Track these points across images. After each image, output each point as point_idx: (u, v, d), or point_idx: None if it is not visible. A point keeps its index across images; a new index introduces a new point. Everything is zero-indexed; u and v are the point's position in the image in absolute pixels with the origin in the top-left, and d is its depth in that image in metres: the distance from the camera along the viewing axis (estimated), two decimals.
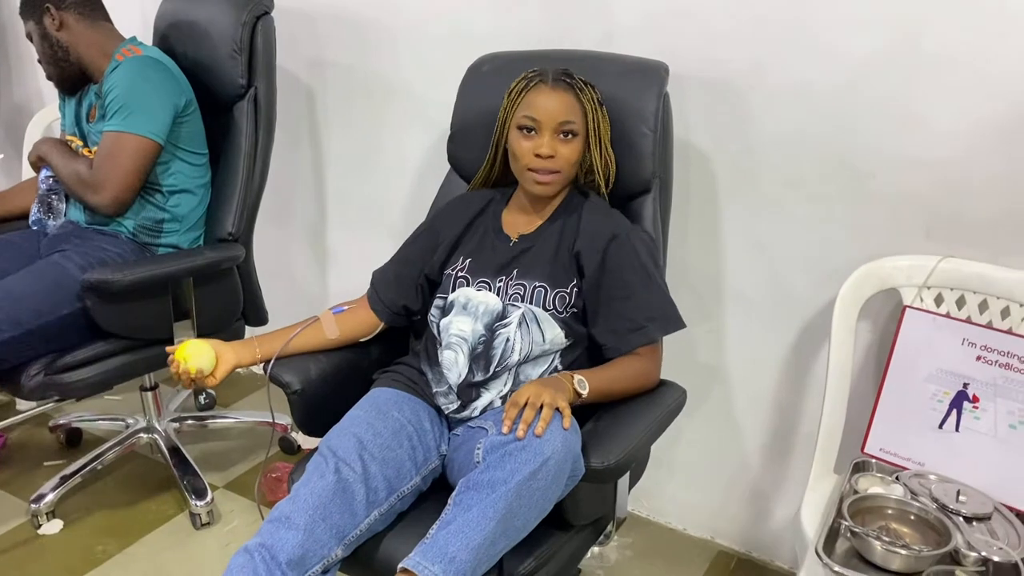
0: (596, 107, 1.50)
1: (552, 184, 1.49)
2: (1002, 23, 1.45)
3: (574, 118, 1.46)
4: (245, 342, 1.57)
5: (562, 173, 1.49)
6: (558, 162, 1.47)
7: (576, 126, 1.47)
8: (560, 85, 1.47)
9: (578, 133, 1.47)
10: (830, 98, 1.63)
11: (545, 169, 1.47)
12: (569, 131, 1.46)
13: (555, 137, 1.46)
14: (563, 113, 1.45)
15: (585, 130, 1.49)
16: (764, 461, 1.96)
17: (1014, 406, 1.47)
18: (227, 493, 2.23)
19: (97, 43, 2.00)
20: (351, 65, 2.26)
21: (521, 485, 1.19)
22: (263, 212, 2.15)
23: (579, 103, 1.48)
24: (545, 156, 1.46)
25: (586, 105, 1.48)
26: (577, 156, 1.49)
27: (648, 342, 1.45)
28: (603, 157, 1.54)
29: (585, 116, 1.48)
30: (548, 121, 1.46)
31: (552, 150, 1.46)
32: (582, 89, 1.48)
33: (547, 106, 1.45)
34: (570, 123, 1.46)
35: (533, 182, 1.49)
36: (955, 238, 1.59)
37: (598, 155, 1.53)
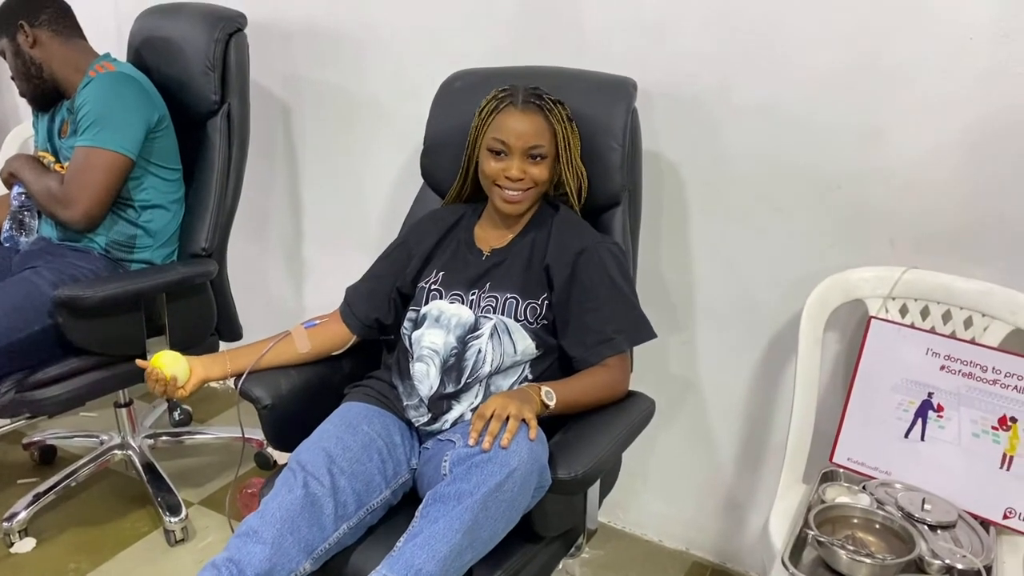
0: (566, 125, 1.52)
1: (521, 203, 1.52)
2: (959, 39, 1.48)
3: (543, 141, 1.49)
4: (216, 356, 1.57)
5: (532, 191, 1.51)
6: (527, 183, 1.49)
7: (545, 148, 1.49)
8: (530, 107, 1.49)
9: (547, 155, 1.49)
10: (795, 113, 1.66)
11: (515, 189, 1.50)
12: (538, 154, 1.49)
13: (525, 159, 1.49)
14: (533, 137, 1.48)
15: (555, 149, 1.51)
16: (737, 471, 1.97)
17: (977, 415, 1.49)
18: (202, 509, 2.22)
19: (71, 60, 2.01)
20: (325, 81, 2.27)
21: (487, 496, 1.20)
22: (237, 227, 2.15)
23: (548, 124, 1.49)
24: (515, 179, 1.48)
25: (555, 125, 1.50)
26: (547, 176, 1.51)
27: (616, 353, 1.46)
28: (575, 173, 1.55)
29: (555, 136, 1.50)
30: (518, 144, 1.48)
31: (521, 172, 1.49)
32: (551, 109, 1.50)
33: (517, 129, 1.48)
34: (539, 147, 1.48)
35: (503, 200, 1.52)
36: (919, 249, 1.62)
37: (569, 172, 1.54)
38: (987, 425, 1.48)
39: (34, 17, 1.97)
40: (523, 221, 1.58)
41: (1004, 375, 1.47)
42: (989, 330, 1.52)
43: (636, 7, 1.76)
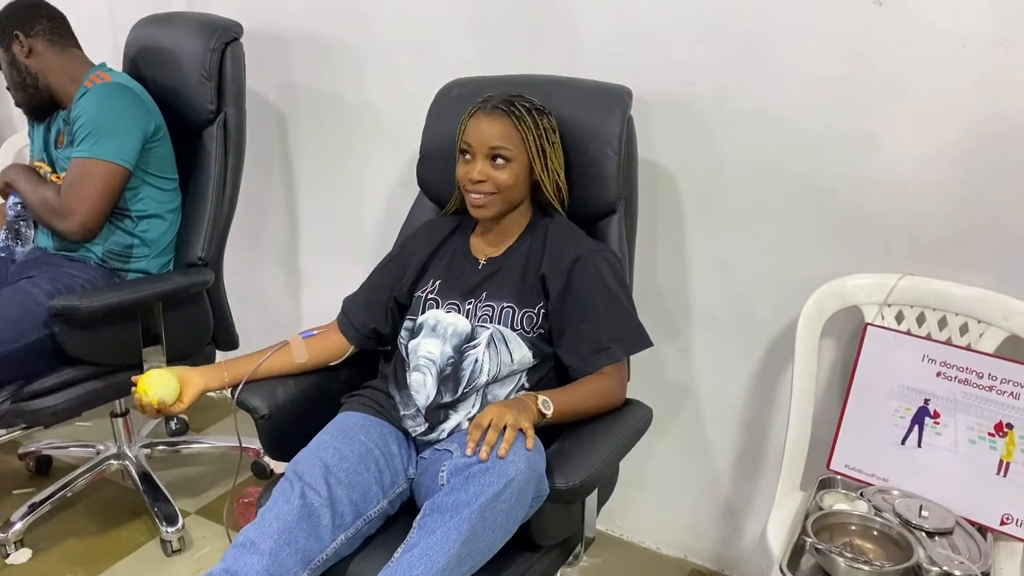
0: (540, 132, 1.51)
1: (488, 207, 1.51)
2: (953, 47, 1.49)
3: (507, 144, 1.48)
4: (213, 367, 1.57)
5: (498, 195, 1.50)
6: (489, 186, 1.49)
7: (510, 151, 1.48)
8: (496, 112, 1.49)
9: (512, 158, 1.49)
10: (790, 120, 1.66)
11: (478, 192, 1.49)
12: (501, 156, 1.48)
13: (487, 162, 1.49)
14: (494, 138, 1.48)
15: (526, 155, 1.51)
16: (735, 478, 1.97)
17: (973, 421, 1.49)
18: (199, 519, 2.21)
19: (66, 70, 2.01)
20: (321, 90, 2.28)
21: (485, 507, 1.20)
22: (234, 236, 2.15)
23: (516, 129, 1.49)
24: (475, 180, 1.49)
25: (523, 131, 1.49)
26: (512, 180, 1.50)
27: (612, 362, 1.46)
28: (551, 181, 1.54)
29: (524, 141, 1.50)
30: (480, 146, 1.49)
31: (483, 175, 1.48)
32: (521, 115, 1.49)
33: (480, 132, 1.49)
34: (502, 148, 1.48)
35: (471, 205, 1.52)
36: (914, 256, 1.62)
37: (546, 178, 1.54)
38: (983, 431, 1.48)
39: (29, 27, 1.97)
40: (517, 230, 1.58)
41: (1000, 381, 1.47)
42: (984, 336, 1.52)
43: (632, 16, 1.76)
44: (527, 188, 1.54)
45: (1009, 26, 1.44)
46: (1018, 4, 1.42)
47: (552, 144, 1.53)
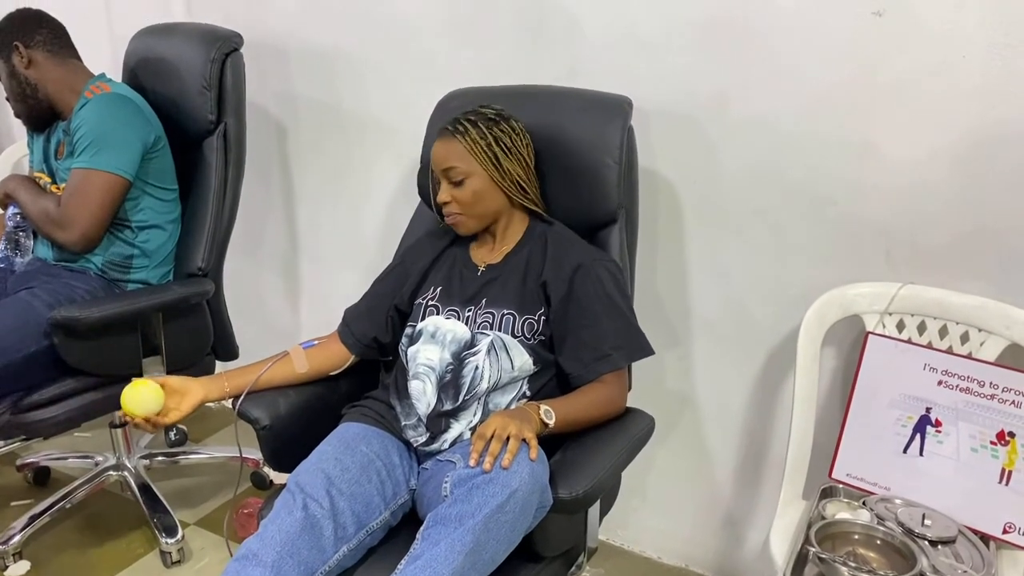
0: (489, 142, 1.50)
1: (462, 225, 1.55)
2: (952, 56, 1.49)
3: (456, 163, 1.50)
4: (214, 377, 1.57)
5: (465, 215, 1.53)
6: (454, 206, 1.52)
7: (461, 169, 1.50)
8: (444, 134, 1.53)
9: (466, 175, 1.50)
10: (790, 129, 1.67)
11: (448, 213, 1.54)
12: (454, 177, 1.51)
13: (448, 184, 1.52)
14: (444, 161, 1.52)
15: (482, 166, 1.51)
16: (736, 487, 1.97)
17: (975, 430, 1.49)
18: (198, 530, 2.20)
19: (66, 80, 2.01)
20: (321, 100, 2.28)
21: (489, 518, 1.19)
22: (234, 246, 2.15)
23: (460, 146, 1.50)
24: (442, 203, 1.53)
25: (469, 144, 1.50)
26: (472, 197, 1.51)
27: (613, 369, 1.46)
28: (512, 184, 1.53)
29: (473, 155, 1.50)
30: (438, 170, 1.54)
31: (447, 196, 1.52)
32: (464, 131, 1.51)
33: (435, 157, 1.54)
34: (453, 168, 1.51)
35: (449, 224, 1.57)
36: (915, 264, 1.62)
37: (505, 184, 1.53)
38: (985, 440, 1.48)
39: (29, 38, 1.98)
40: (514, 237, 1.58)
41: (1001, 390, 1.47)
42: (985, 345, 1.53)
43: (631, 26, 1.77)
44: (501, 197, 1.54)
45: (1007, 35, 1.44)
46: (1016, 14, 1.43)
47: (507, 149, 1.52)
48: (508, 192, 1.54)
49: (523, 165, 1.55)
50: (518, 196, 1.55)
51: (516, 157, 1.53)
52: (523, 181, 1.55)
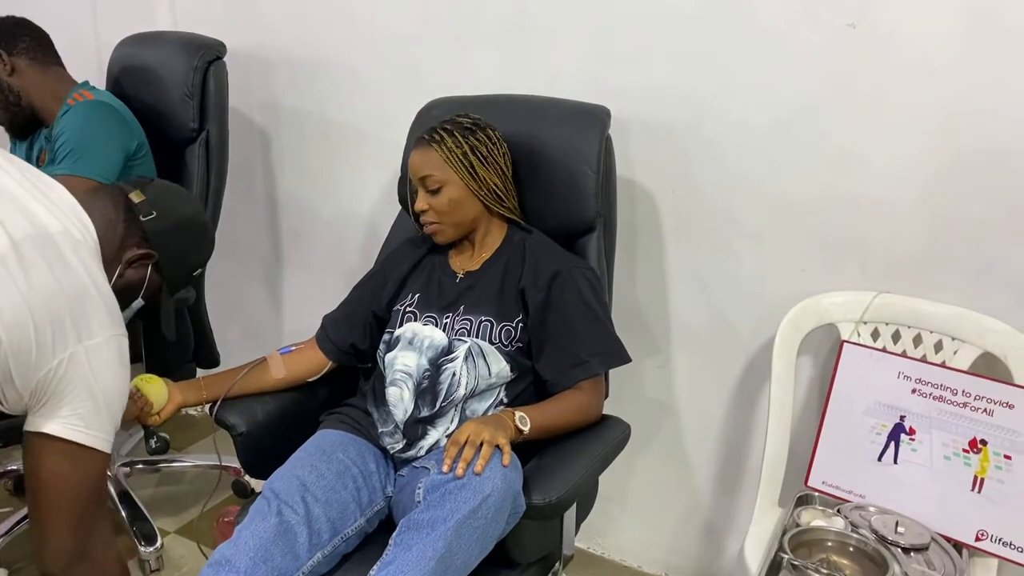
0: (465, 150, 1.52)
1: (440, 233, 1.56)
2: (924, 72, 1.51)
3: (431, 171, 1.51)
4: (192, 383, 1.57)
5: (441, 223, 1.54)
6: (431, 215, 1.53)
7: (436, 177, 1.51)
8: (420, 143, 1.55)
9: (442, 183, 1.51)
10: (767, 139, 1.68)
11: (425, 221, 1.55)
12: (430, 186, 1.52)
13: (425, 192, 1.53)
14: (421, 169, 1.53)
15: (457, 174, 1.52)
16: (715, 495, 1.98)
17: (948, 438, 1.50)
18: (178, 538, 2.19)
19: (49, 88, 2.01)
20: (304, 108, 2.29)
21: (461, 523, 1.20)
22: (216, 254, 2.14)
23: (436, 154, 1.52)
24: (419, 211, 1.54)
25: (445, 153, 1.51)
26: (448, 204, 1.52)
27: (590, 376, 1.47)
28: (488, 192, 1.55)
29: (449, 163, 1.51)
30: (415, 179, 1.55)
31: (424, 204, 1.53)
32: (440, 139, 1.52)
33: (412, 166, 1.55)
34: (429, 176, 1.52)
35: (427, 233, 1.58)
36: (890, 274, 1.64)
37: (481, 192, 1.54)
38: (958, 448, 1.50)
39: (12, 45, 1.98)
40: (493, 244, 1.59)
41: (974, 398, 1.49)
42: (959, 353, 1.54)
43: (611, 37, 1.78)
44: (477, 205, 1.55)
45: (977, 51, 1.47)
46: (985, 30, 1.45)
47: (483, 157, 1.53)
48: (484, 200, 1.55)
49: (500, 174, 1.55)
50: (494, 204, 1.56)
51: (492, 166, 1.54)
52: (499, 190, 1.56)
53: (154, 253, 1.37)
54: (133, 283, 1.37)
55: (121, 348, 1.24)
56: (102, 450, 1.22)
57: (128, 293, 1.37)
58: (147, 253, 1.36)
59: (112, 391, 1.22)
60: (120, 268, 1.34)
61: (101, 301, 1.21)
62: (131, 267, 1.36)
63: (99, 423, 1.20)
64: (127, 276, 1.36)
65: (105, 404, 1.21)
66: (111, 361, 1.21)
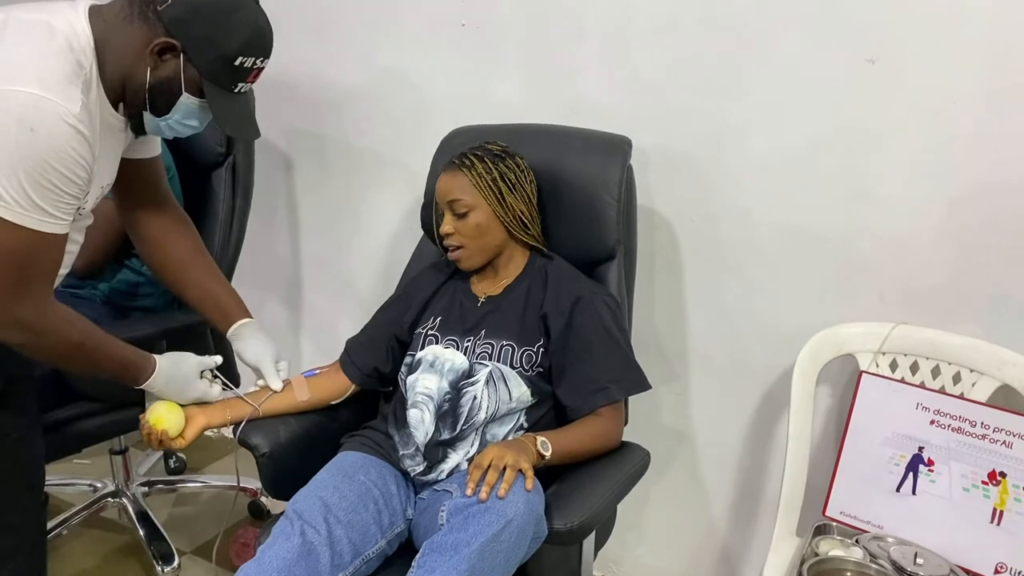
0: (495, 176, 1.54)
1: (464, 259, 1.58)
2: (942, 103, 1.53)
3: (460, 195, 1.54)
4: (216, 404, 1.59)
5: (466, 248, 1.56)
6: (457, 238, 1.55)
7: (465, 202, 1.53)
8: (450, 167, 1.57)
9: (470, 207, 1.54)
10: (786, 170, 1.70)
11: (450, 245, 1.57)
12: (459, 210, 1.54)
13: (452, 216, 1.55)
14: (449, 193, 1.55)
15: (486, 200, 1.54)
16: (731, 524, 1.98)
17: (967, 469, 1.51)
18: (195, 559, 2.20)
19: None
20: (329, 135, 2.32)
21: (484, 547, 1.21)
22: (238, 276, 2.18)
23: (466, 180, 1.54)
24: (444, 235, 1.56)
25: (474, 178, 1.54)
26: (475, 229, 1.55)
27: (610, 402, 1.48)
28: (513, 219, 1.57)
29: (478, 188, 1.54)
30: (442, 202, 1.57)
31: (450, 228, 1.55)
32: (471, 165, 1.55)
33: (440, 189, 1.57)
34: (457, 200, 1.54)
35: (450, 258, 1.59)
36: (908, 304, 1.65)
37: (506, 218, 1.56)
38: (977, 480, 1.50)
39: None
40: (515, 270, 1.61)
41: (992, 430, 1.49)
42: (977, 385, 1.55)
43: (632, 67, 1.81)
44: (502, 231, 1.57)
45: (995, 84, 1.49)
46: (1006, 62, 1.47)
47: (511, 184, 1.56)
48: (509, 227, 1.57)
49: (526, 201, 1.58)
50: (519, 231, 1.58)
51: (520, 193, 1.57)
52: (525, 217, 1.58)
53: (175, 42, 1.31)
54: (169, 77, 1.33)
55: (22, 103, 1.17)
56: (9, 220, 1.20)
57: (168, 89, 1.34)
58: (168, 43, 1.30)
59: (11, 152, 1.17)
60: (150, 61, 1.31)
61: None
62: (161, 61, 1.31)
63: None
64: (160, 71, 1.32)
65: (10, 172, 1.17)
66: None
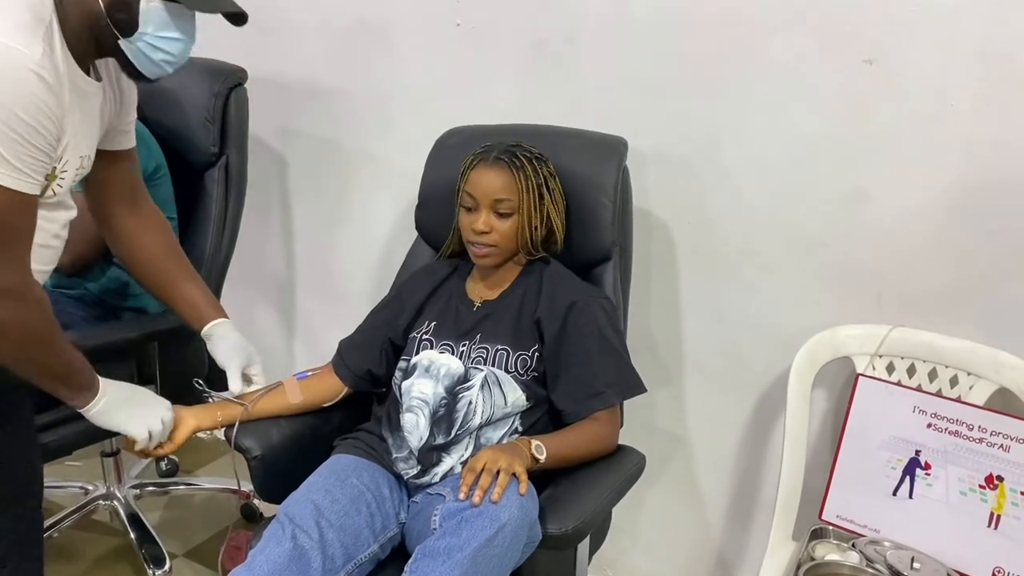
0: (541, 181, 1.53)
1: (490, 257, 1.54)
2: (941, 105, 1.53)
3: (509, 195, 1.51)
4: (206, 406, 1.58)
5: (498, 247, 1.53)
6: (493, 237, 1.52)
7: (512, 203, 1.51)
8: (498, 163, 1.52)
9: (514, 210, 1.52)
10: (783, 172, 1.69)
11: (481, 243, 1.52)
12: (504, 209, 1.51)
13: (491, 213, 1.51)
14: (497, 191, 1.50)
15: (526, 205, 1.52)
16: (727, 528, 1.97)
17: (964, 473, 1.50)
18: (186, 562, 2.19)
19: None
20: (323, 135, 2.31)
21: (477, 552, 1.19)
22: (231, 277, 2.17)
23: (516, 180, 1.51)
24: (479, 232, 1.51)
25: (523, 182, 1.51)
26: (513, 231, 1.52)
27: (605, 406, 1.47)
28: (545, 227, 1.56)
29: (524, 191, 1.52)
30: (484, 198, 1.51)
31: (487, 226, 1.51)
32: (521, 166, 1.52)
33: (483, 183, 1.51)
34: (505, 200, 1.51)
35: (474, 255, 1.55)
36: (905, 307, 1.64)
37: (541, 226, 1.55)
38: (974, 483, 1.49)
39: None
40: (513, 274, 1.60)
41: (990, 433, 1.48)
42: (975, 388, 1.54)
43: (628, 69, 1.80)
44: (524, 237, 1.56)
45: (994, 87, 1.48)
46: (1003, 65, 1.46)
47: (551, 191, 1.55)
48: (535, 233, 1.54)
49: (560, 211, 1.57)
50: (539, 238, 1.56)
51: (557, 202, 1.57)
52: (555, 227, 1.57)
53: None
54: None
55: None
56: None
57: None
58: None
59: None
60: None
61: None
62: None
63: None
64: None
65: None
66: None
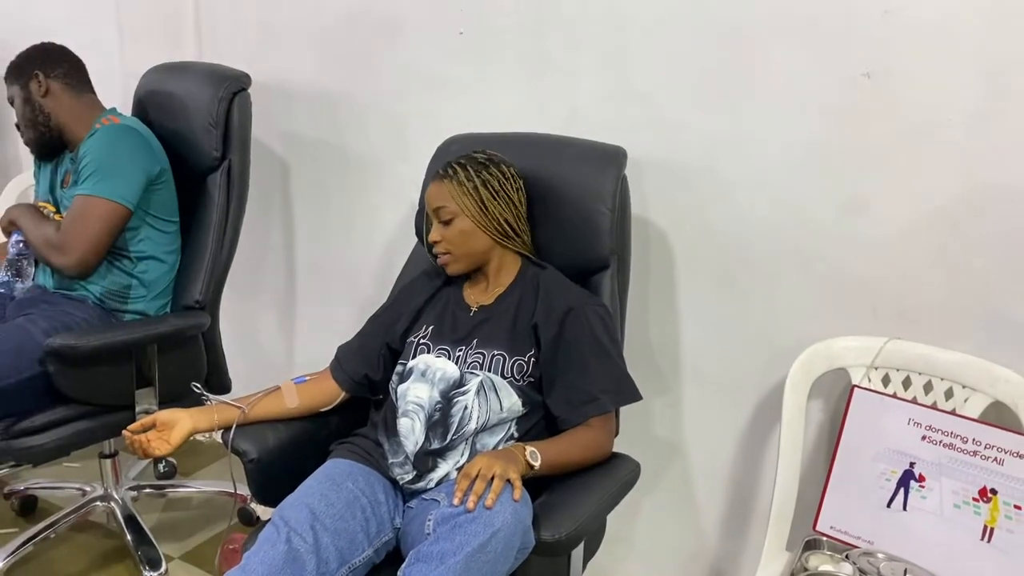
0: (476, 184, 1.55)
1: (450, 264, 1.60)
2: (938, 120, 1.53)
3: (444, 203, 1.56)
4: (203, 409, 1.58)
5: (452, 254, 1.57)
6: (444, 245, 1.57)
7: (450, 210, 1.55)
8: (436, 177, 1.60)
9: (454, 215, 1.55)
10: (781, 184, 1.70)
11: (438, 252, 1.59)
12: (444, 215, 1.56)
13: (439, 224, 1.57)
14: (435, 201, 1.58)
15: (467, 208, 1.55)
16: (722, 538, 1.97)
17: (958, 486, 1.50)
18: (183, 564, 2.19)
19: (79, 113, 2.06)
20: (324, 140, 2.33)
21: (470, 557, 1.20)
22: (232, 281, 2.18)
23: (449, 187, 1.56)
24: (432, 242, 1.58)
25: (455, 187, 1.56)
26: (461, 236, 1.56)
27: (601, 413, 1.48)
28: (497, 227, 1.57)
29: (463, 196, 1.55)
30: (430, 211, 1.59)
31: (437, 236, 1.57)
32: (454, 173, 1.57)
33: (428, 198, 1.61)
34: (442, 208, 1.56)
35: (439, 265, 1.61)
36: (901, 319, 1.65)
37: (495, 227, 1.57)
38: (968, 496, 1.49)
39: (51, 68, 2.03)
40: (507, 279, 1.61)
41: (984, 446, 1.49)
42: (969, 401, 1.54)
43: (628, 78, 1.82)
44: (486, 238, 1.58)
45: (991, 102, 1.49)
46: (1000, 79, 1.47)
47: (494, 192, 1.57)
48: (493, 234, 1.57)
49: (511, 209, 1.58)
50: (502, 239, 1.58)
51: (504, 201, 1.57)
52: (510, 224, 1.58)
53: None
54: None
55: None
56: None
57: None
58: None
59: None
60: None
61: None
62: None
63: None
64: None
65: None
66: None
